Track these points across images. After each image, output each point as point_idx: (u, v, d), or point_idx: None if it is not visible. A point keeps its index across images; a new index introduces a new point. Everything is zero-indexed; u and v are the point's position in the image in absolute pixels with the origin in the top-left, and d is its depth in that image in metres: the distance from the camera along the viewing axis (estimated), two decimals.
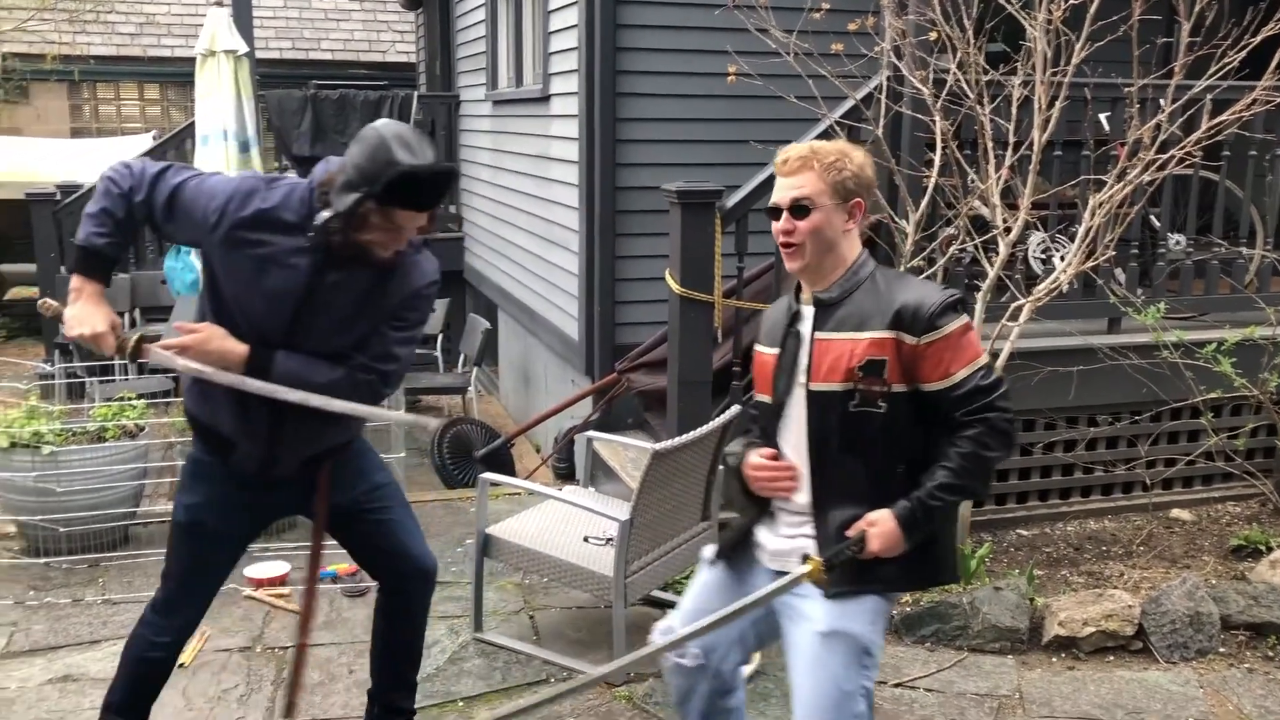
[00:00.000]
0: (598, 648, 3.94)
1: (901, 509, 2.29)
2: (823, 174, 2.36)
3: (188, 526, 2.87)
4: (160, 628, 2.92)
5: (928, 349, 2.28)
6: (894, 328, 2.29)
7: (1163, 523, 4.95)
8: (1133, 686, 3.70)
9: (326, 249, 2.60)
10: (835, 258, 2.39)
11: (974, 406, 2.28)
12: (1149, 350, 4.69)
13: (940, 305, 2.29)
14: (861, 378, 2.30)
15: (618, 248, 5.83)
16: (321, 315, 2.68)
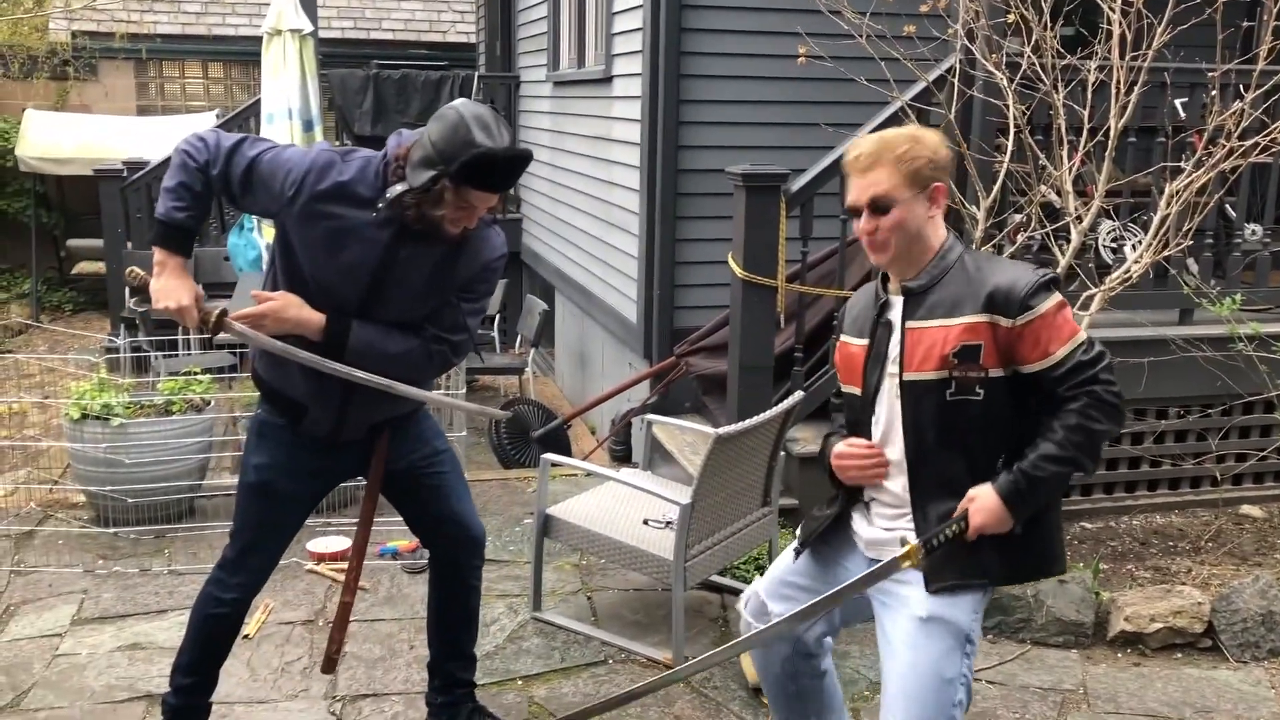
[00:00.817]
0: (656, 630, 3.94)
1: (1004, 482, 2.23)
2: (897, 166, 2.30)
3: (256, 486, 2.92)
4: (227, 585, 2.98)
5: (1025, 329, 2.23)
6: (988, 310, 2.24)
7: (1232, 519, 4.84)
8: (1201, 685, 3.63)
9: (400, 223, 2.62)
10: (922, 246, 2.35)
11: (1077, 380, 2.22)
12: (1222, 343, 4.59)
13: (1034, 285, 2.24)
14: (957, 364, 2.24)
15: (678, 230, 5.80)
16: (395, 288, 2.71)
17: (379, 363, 2.74)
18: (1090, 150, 4.19)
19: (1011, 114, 4.19)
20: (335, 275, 2.69)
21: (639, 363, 6.17)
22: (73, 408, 4.68)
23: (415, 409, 3.03)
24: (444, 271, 2.74)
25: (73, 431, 4.70)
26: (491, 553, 4.56)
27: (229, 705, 3.41)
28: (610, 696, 3.00)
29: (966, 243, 4.25)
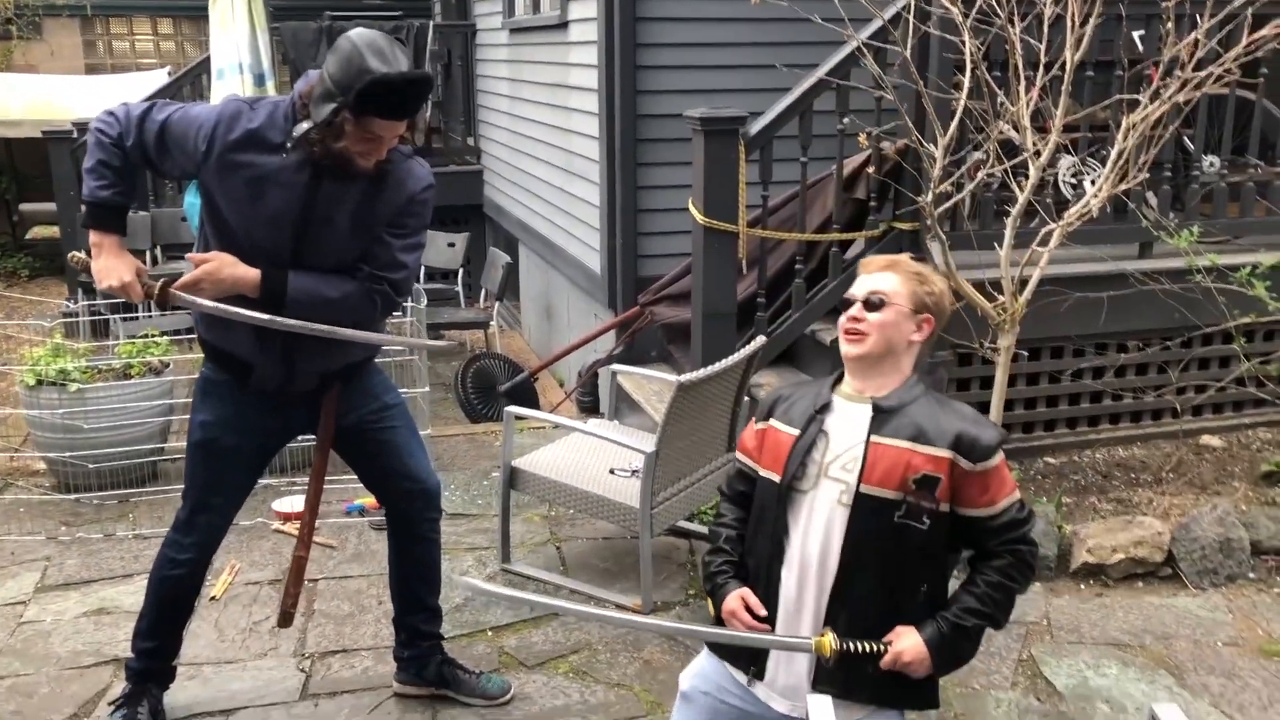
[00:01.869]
0: (624, 577, 3.96)
1: (930, 630, 2.25)
2: (906, 280, 2.40)
3: (204, 444, 2.91)
4: (181, 546, 2.97)
5: (979, 476, 2.28)
6: (953, 449, 2.28)
7: (1192, 449, 4.90)
8: (1161, 612, 3.69)
9: (315, 163, 2.60)
10: (894, 364, 2.38)
11: (1009, 537, 2.28)
12: (1181, 275, 4.61)
13: (997, 439, 2.32)
14: (914, 490, 2.26)
15: (640, 178, 5.76)
16: (323, 229, 2.70)
17: (320, 309, 2.72)
18: (1047, 85, 4.16)
19: (968, 50, 4.15)
20: (261, 225, 2.67)
21: (604, 313, 6.15)
22: (28, 374, 4.61)
23: (365, 360, 3.01)
24: (368, 208, 2.72)
25: (29, 398, 4.63)
26: (459, 507, 4.58)
27: (197, 666, 3.40)
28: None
29: (925, 181, 4.25)
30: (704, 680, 2.50)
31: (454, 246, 8.45)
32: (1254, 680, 3.29)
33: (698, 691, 2.51)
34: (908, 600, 2.31)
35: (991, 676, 3.34)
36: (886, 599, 2.30)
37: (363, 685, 3.31)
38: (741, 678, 2.43)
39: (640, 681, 3.30)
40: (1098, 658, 3.43)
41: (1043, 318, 4.47)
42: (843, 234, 4.67)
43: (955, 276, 4.16)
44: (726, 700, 2.47)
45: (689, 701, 2.54)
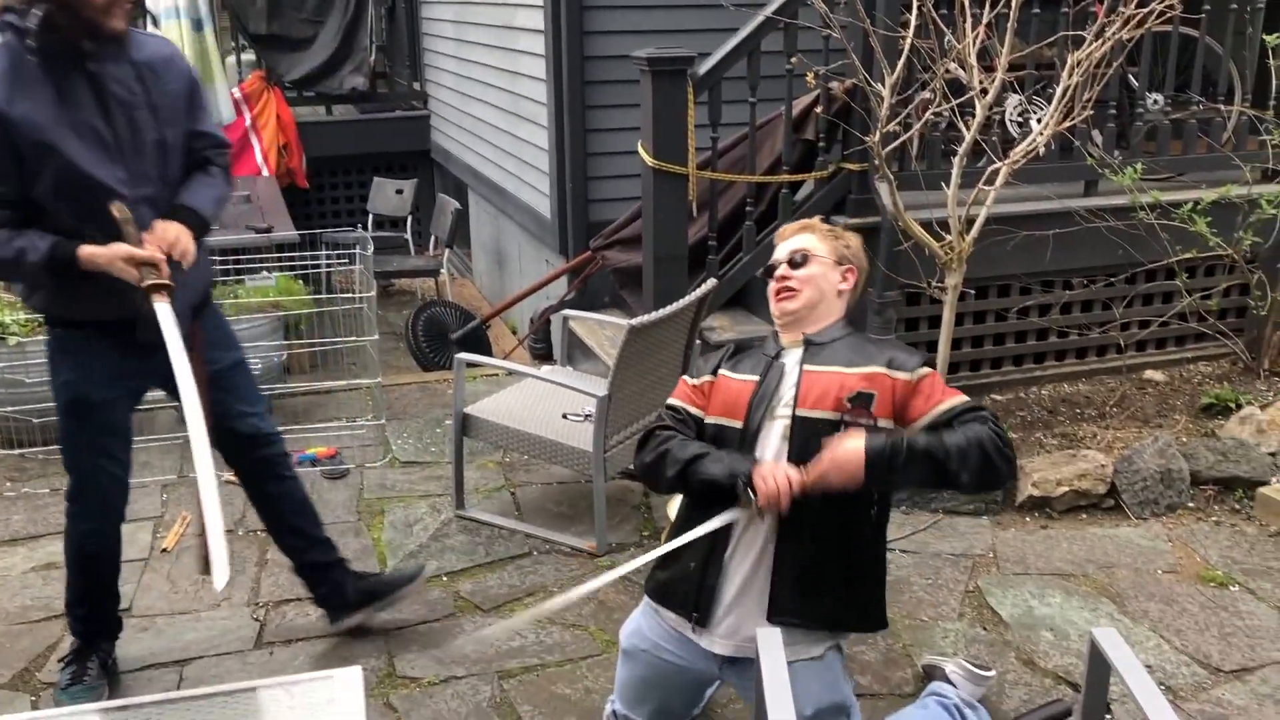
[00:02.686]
0: (579, 520, 3.98)
1: (874, 439, 2.23)
2: (822, 236, 2.54)
3: (75, 404, 2.84)
4: (80, 516, 2.93)
5: (920, 383, 2.35)
6: (887, 366, 2.36)
7: (1136, 384, 5.00)
8: (1104, 542, 3.78)
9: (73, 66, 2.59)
10: (825, 311, 2.49)
11: (974, 416, 2.29)
12: (1125, 212, 4.67)
13: (925, 359, 2.41)
14: (850, 409, 2.31)
15: (589, 121, 5.70)
16: (137, 124, 2.68)
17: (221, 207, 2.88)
18: (993, 23, 4.17)
19: None
20: (85, 156, 2.61)
21: (555, 259, 6.12)
22: None
23: (208, 289, 3.04)
24: (154, 82, 2.72)
25: None
26: (413, 455, 4.57)
27: (150, 618, 3.39)
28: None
29: (873, 121, 4.25)
30: (641, 637, 2.56)
31: (402, 193, 8.35)
32: (1191, 605, 3.39)
33: (637, 648, 2.58)
34: (857, 524, 2.37)
35: (939, 608, 3.41)
36: (836, 524, 2.35)
37: (317, 633, 3.31)
38: (685, 627, 2.47)
39: (595, 621, 3.34)
40: (1042, 588, 3.51)
41: (989, 256, 4.51)
42: (792, 175, 4.67)
43: (903, 216, 4.19)
44: (664, 656, 2.52)
45: (630, 657, 2.60)
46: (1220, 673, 3.06)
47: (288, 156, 8.67)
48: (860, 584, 2.44)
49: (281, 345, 5.02)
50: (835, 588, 2.38)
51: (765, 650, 2.05)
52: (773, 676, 1.97)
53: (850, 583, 2.41)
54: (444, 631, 3.31)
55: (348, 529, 3.95)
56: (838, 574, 2.38)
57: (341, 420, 4.88)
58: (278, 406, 5.05)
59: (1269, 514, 3.86)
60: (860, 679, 3.04)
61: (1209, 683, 3.02)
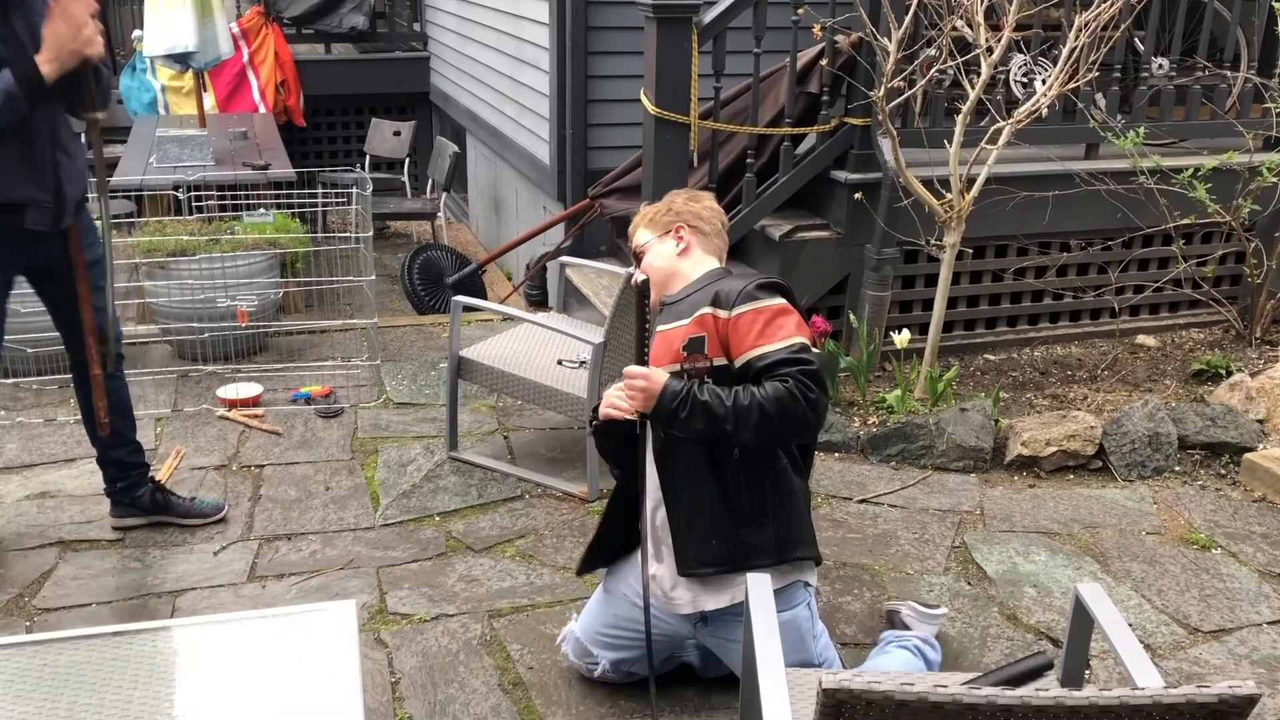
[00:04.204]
0: (571, 466, 4.01)
1: (674, 382, 2.35)
2: (647, 224, 2.69)
3: None
4: None
5: (738, 321, 2.38)
6: (711, 305, 2.42)
7: (1128, 348, 5.03)
8: (1090, 503, 3.82)
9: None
10: (680, 278, 2.61)
11: (781, 372, 2.33)
12: (1126, 176, 4.67)
13: (752, 285, 2.41)
14: (686, 357, 2.40)
15: (590, 67, 5.66)
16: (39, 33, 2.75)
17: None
18: None
19: None
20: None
21: (553, 206, 6.10)
22: None
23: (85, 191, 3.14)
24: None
25: None
26: (407, 396, 4.59)
27: (143, 549, 3.41)
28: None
29: (878, 75, 4.22)
30: (623, 580, 2.69)
31: (400, 135, 8.29)
32: (1173, 566, 3.43)
33: (618, 590, 2.69)
34: (726, 465, 2.45)
35: (925, 562, 3.45)
36: (708, 472, 2.45)
37: (310, 568, 3.34)
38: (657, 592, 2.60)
39: None
40: (1027, 545, 3.55)
41: (988, 216, 4.52)
42: (795, 128, 4.65)
43: (905, 173, 4.18)
44: (639, 603, 2.60)
45: (612, 596, 2.72)
46: (1199, 633, 3.11)
47: (285, 94, 8.59)
48: (751, 517, 2.47)
49: (278, 283, 5.01)
50: (721, 527, 2.46)
51: (755, 596, 2.09)
52: (761, 622, 2.00)
53: (740, 518, 2.47)
54: (435, 570, 3.34)
55: (341, 467, 3.97)
56: (720, 514, 2.46)
57: (336, 360, 4.89)
58: (273, 344, 5.06)
59: (1254, 480, 3.90)
60: (845, 629, 3.09)
61: (1187, 642, 3.07)
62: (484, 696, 2.77)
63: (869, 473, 3.99)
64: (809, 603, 2.57)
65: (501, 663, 2.91)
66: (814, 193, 4.77)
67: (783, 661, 1.88)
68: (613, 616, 2.70)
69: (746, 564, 2.44)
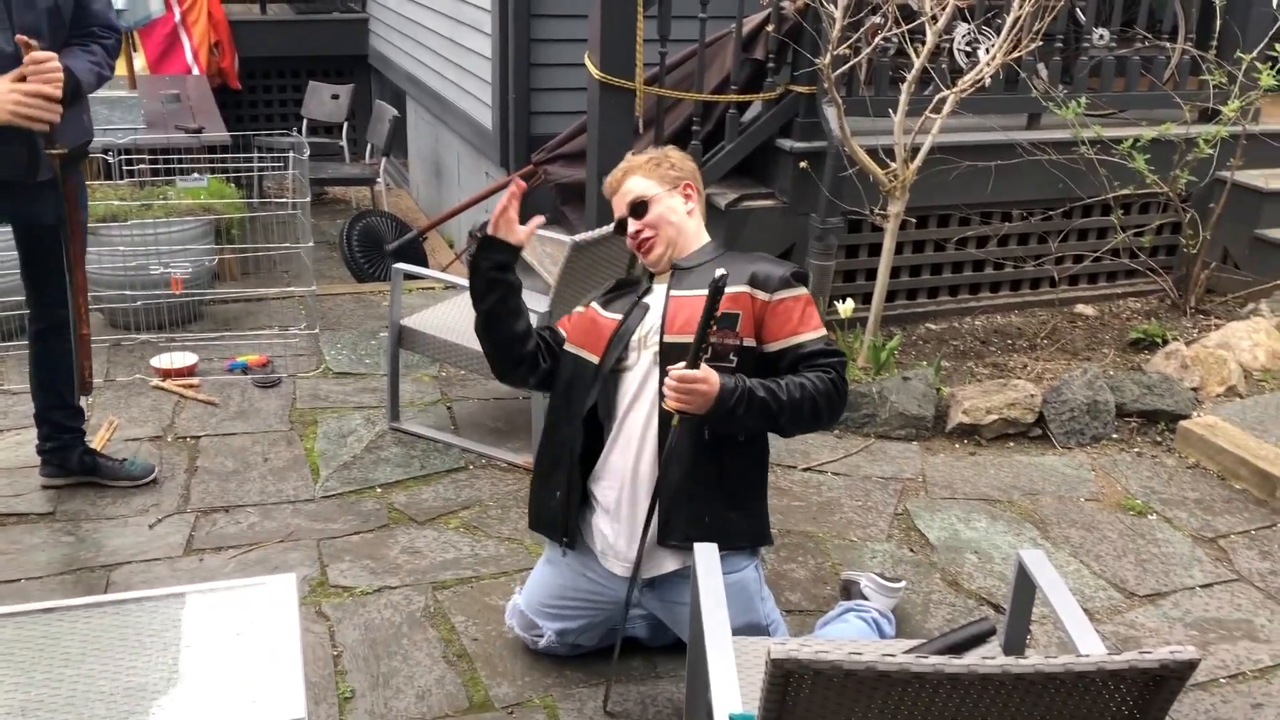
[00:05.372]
0: (516, 436, 3.97)
1: (727, 380, 2.28)
2: (644, 173, 2.54)
3: None
4: None
5: (779, 305, 2.38)
6: (749, 284, 2.39)
7: (1067, 318, 5.10)
8: (1030, 470, 3.88)
9: None
10: (688, 238, 2.54)
11: (819, 362, 2.36)
12: (1067, 147, 4.71)
13: (791, 272, 2.43)
14: (716, 330, 2.31)
15: (533, 30, 5.57)
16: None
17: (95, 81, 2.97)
18: None
19: None
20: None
21: (496, 172, 6.02)
22: None
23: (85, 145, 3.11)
24: None
25: None
26: (346, 366, 4.52)
27: (76, 522, 3.32)
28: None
29: (824, 42, 4.21)
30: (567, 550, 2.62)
31: (338, 99, 8.13)
32: (1110, 532, 3.49)
33: (561, 559, 2.63)
34: (730, 450, 2.43)
35: (868, 529, 3.48)
36: (711, 450, 2.40)
37: (248, 540, 3.28)
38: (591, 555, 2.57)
39: (531, 536, 3.34)
40: (968, 512, 3.59)
41: (932, 186, 4.53)
42: (740, 95, 4.62)
43: (850, 141, 4.17)
44: (584, 573, 2.57)
45: (553, 565, 2.68)
46: (1135, 597, 3.17)
47: (219, 56, 8.38)
48: (741, 500, 2.50)
49: (212, 250, 4.89)
50: (714, 505, 2.44)
51: (702, 566, 2.08)
52: (709, 588, 2.00)
53: (731, 499, 2.47)
54: (377, 542, 3.30)
55: (279, 438, 3.90)
56: (717, 491, 2.45)
57: (274, 329, 4.79)
58: (208, 313, 4.94)
59: (1189, 447, 3.98)
60: (790, 595, 3.10)
61: (1124, 606, 3.13)
62: (428, 669, 2.74)
63: (812, 441, 4.00)
64: (756, 564, 2.57)
65: (446, 635, 2.88)
66: (760, 161, 4.75)
67: (730, 627, 1.88)
68: (557, 587, 2.68)
69: (728, 544, 2.41)
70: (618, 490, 2.49)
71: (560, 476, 2.55)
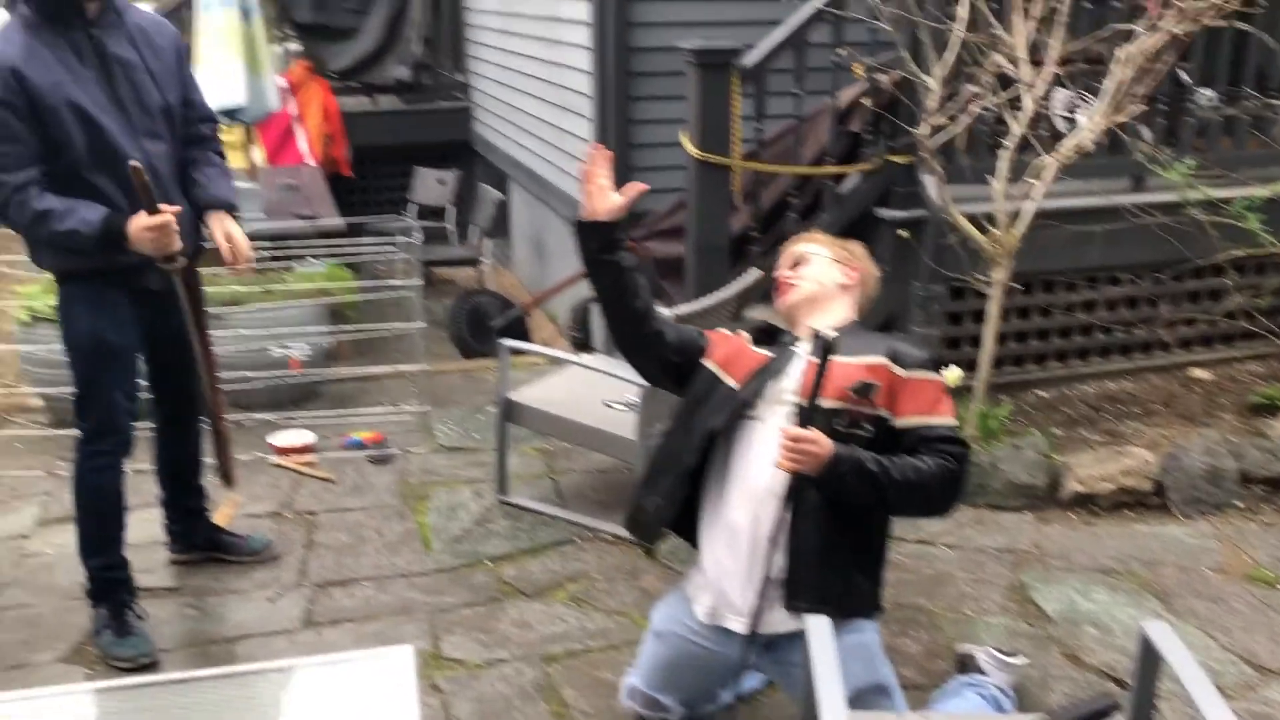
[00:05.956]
0: (621, 508, 3.95)
1: (844, 447, 2.29)
2: (823, 241, 2.69)
3: (95, 350, 3.00)
4: (101, 455, 3.09)
5: (913, 383, 2.39)
6: (888, 357, 2.40)
7: (1182, 382, 4.96)
8: (1149, 540, 3.76)
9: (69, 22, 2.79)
10: (829, 304, 2.58)
11: (942, 448, 2.35)
12: (1174, 208, 4.62)
13: (928, 355, 2.46)
14: (853, 398, 2.34)
15: (631, 111, 5.72)
16: (141, 87, 2.90)
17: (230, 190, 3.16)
18: (1044, 17, 4.14)
19: None
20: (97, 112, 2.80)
21: None
22: (22, 311, 4.60)
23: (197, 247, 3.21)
24: (144, 46, 2.92)
25: (24, 335, 4.63)
26: (456, 440, 4.62)
27: (200, 597, 3.44)
28: None
29: (921, 112, 4.23)
30: (674, 621, 2.60)
31: (444, 184, 8.39)
32: (1238, 604, 3.36)
33: (669, 630, 2.61)
34: (857, 515, 2.40)
35: (982, 602, 3.40)
36: (837, 514, 2.37)
37: (364, 614, 3.36)
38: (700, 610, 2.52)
39: (639, 609, 3.35)
40: (1086, 584, 3.49)
41: (1036, 251, 4.48)
42: (837, 167, 4.66)
43: (950, 209, 4.17)
44: (694, 640, 2.55)
45: (661, 639, 2.64)
46: (1269, 672, 3.04)
47: (332, 145, 8.74)
48: (868, 564, 2.47)
49: (328, 331, 5.08)
50: (843, 570, 2.41)
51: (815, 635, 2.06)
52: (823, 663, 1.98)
53: (861, 563, 2.45)
54: (487, 615, 3.34)
55: (392, 513, 4.00)
56: (850, 555, 2.42)
57: (386, 406, 4.93)
58: (324, 392, 5.11)
59: None
60: (903, 670, 3.04)
61: (1257, 682, 2.99)
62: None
63: None
64: (877, 626, 2.53)
65: (557, 709, 2.90)
66: (858, 231, 4.74)
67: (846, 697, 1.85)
68: (669, 659, 2.67)
69: (853, 610, 2.41)
70: (739, 547, 2.44)
71: (664, 485, 2.53)
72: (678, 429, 2.57)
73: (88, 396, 3.05)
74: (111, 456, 3.12)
